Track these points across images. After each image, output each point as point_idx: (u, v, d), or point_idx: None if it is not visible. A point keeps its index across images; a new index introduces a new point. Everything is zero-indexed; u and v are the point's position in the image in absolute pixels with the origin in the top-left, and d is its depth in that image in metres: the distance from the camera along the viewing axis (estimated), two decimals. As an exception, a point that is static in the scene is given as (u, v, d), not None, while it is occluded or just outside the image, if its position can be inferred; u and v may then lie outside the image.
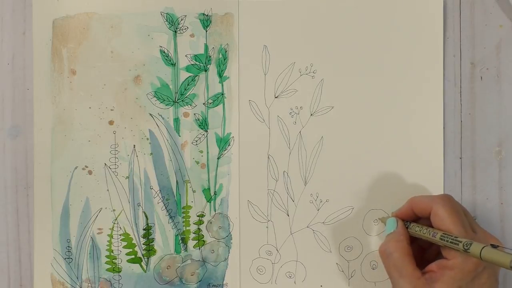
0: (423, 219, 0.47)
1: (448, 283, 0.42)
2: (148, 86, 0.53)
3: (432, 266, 0.44)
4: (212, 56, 0.53)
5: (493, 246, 0.40)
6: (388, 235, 0.47)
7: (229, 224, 0.53)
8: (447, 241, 0.42)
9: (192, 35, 0.53)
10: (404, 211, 0.48)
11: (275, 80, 0.53)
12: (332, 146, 0.52)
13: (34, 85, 0.53)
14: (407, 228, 0.47)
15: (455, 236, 0.42)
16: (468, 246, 0.41)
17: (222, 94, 0.53)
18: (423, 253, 0.48)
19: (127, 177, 0.53)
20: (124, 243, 0.53)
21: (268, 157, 0.53)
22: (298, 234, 0.53)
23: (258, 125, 0.53)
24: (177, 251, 0.53)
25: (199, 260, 0.53)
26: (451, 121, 0.52)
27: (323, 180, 0.53)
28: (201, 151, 0.53)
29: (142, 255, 0.53)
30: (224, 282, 0.53)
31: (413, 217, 0.47)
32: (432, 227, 0.45)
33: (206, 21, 0.53)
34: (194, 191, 0.53)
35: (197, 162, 0.53)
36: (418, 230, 0.46)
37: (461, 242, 0.41)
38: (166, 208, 0.53)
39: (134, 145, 0.53)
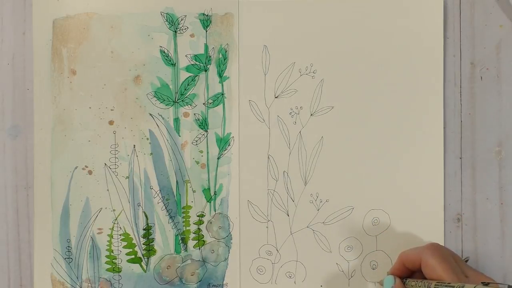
0: (416, 272, 0.47)
1: None
2: (148, 86, 0.53)
3: None
4: (212, 56, 0.53)
5: (484, 283, 0.41)
6: None
7: (229, 224, 0.53)
8: None
9: (192, 35, 0.53)
10: (397, 268, 0.48)
11: (275, 80, 0.53)
12: (332, 146, 0.52)
13: (34, 85, 0.53)
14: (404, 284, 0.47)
15: (448, 282, 0.43)
16: None
17: (222, 94, 0.53)
18: None
19: (127, 177, 0.53)
20: (124, 243, 0.53)
21: (268, 157, 0.53)
22: (298, 234, 0.53)
23: (258, 125, 0.53)
24: (177, 251, 0.53)
25: (199, 260, 0.53)
26: (451, 121, 0.52)
27: (323, 180, 0.53)
28: (201, 151, 0.53)
29: (142, 255, 0.53)
30: (224, 282, 0.53)
31: (407, 272, 0.48)
32: (425, 278, 0.45)
33: (206, 21, 0.53)
34: (194, 191, 0.53)
35: (197, 162, 0.53)
36: (414, 285, 0.46)
37: (453, 286, 0.42)
38: (166, 208, 0.53)
39: (134, 145, 0.53)
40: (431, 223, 0.52)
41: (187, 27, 0.53)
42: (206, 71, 0.53)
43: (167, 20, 0.53)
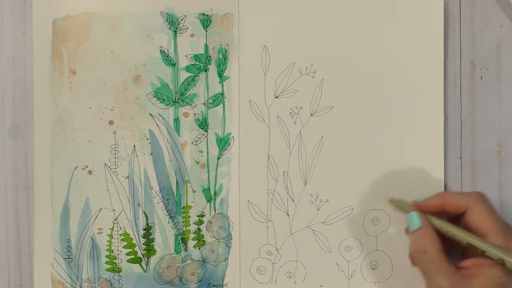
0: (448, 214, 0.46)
1: (488, 279, 0.42)
2: (148, 86, 0.53)
3: (468, 262, 0.43)
4: (212, 56, 0.53)
5: None
6: (417, 232, 0.45)
7: (229, 224, 0.53)
8: (478, 249, 0.42)
9: (192, 35, 0.53)
10: (430, 206, 0.46)
11: (275, 80, 0.53)
12: (332, 146, 0.52)
13: (34, 85, 0.53)
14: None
15: (481, 250, 0.42)
16: (503, 261, 0.41)
17: (222, 94, 0.53)
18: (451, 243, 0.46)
19: (127, 177, 0.53)
20: (124, 243, 0.53)
21: (268, 157, 0.53)
22: (298, 234, 0.53)
23: (258, 125, 0.53)
24: (177, 251, 0.53)
25: (199, 260, 0.53)
26: (451, 121, 0.52)
27: (323, 180, 0.53)
28: (201, 151, 0.53)
29: (142, 255, 0.53)
30: (224, 282, 0.53)
31: (439, 212, 0.46)
32: (457, 223, 0.44)
33: (206, 21, 0.53)
34: (194, 191, 0.53)
35: (197, 162, 0.53)
36: (447, 231, 0.44)
37: (493, 257, 0.42)
38: (166, 208, 0.53)
39: (134, 145, 0.53)
40: (431, 223, 0.51)
41: (187, 27, 0.53)
42: (206, 71, 0.53)
43: (167, 20, 0.53)
